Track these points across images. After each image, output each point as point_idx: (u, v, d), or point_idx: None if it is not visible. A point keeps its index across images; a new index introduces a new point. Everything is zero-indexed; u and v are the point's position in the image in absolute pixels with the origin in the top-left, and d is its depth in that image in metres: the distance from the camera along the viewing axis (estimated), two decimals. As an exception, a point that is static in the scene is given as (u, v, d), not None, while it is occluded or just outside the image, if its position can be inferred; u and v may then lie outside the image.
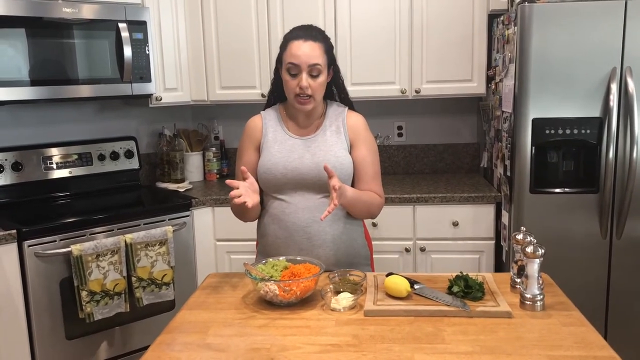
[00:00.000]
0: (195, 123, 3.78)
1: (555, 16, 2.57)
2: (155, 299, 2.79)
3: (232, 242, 3.13)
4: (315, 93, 1.93)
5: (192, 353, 1.45)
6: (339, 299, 1.67)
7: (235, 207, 1.98)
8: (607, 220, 2.68)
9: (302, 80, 1.89)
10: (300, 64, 1.88)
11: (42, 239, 2.53)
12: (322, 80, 1.93)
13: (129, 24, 2.96)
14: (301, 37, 1.91)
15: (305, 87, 1.89)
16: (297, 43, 1.90)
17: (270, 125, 2.04)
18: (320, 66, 1.90)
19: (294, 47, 1.90)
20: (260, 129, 2.04)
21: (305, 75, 1.89)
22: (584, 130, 2.64)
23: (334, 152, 1.97)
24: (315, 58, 1.89)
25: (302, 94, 1.91)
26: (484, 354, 1.39)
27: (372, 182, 2.02)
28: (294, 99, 1.93)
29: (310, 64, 1.89)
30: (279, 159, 1.97)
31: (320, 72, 1.92)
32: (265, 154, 2.00)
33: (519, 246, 1.70)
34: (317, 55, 1.90)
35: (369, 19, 3.20)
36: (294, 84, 1.91)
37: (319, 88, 1.93)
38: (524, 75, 2.63)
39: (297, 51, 1.89)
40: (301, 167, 1.95)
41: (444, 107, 3.61)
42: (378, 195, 2.03)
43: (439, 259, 3.06)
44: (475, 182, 3.31)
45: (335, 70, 2.03)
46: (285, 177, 1.95)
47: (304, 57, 1.88)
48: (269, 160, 1.97)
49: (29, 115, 3.13)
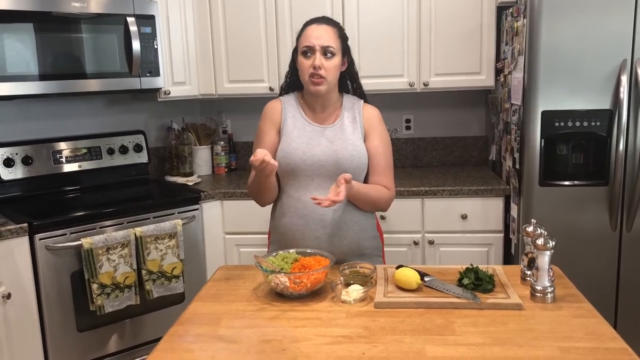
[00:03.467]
0: (204, 117, 3.79)
1: (564, 8, 2.55)
2: (165, 291, 2.80)
3: (241, 235, 3.14)
4: (329, 74, 1.94)
5: (205, 344, 1.46)
6: (349, 291, 1.67)
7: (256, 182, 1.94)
8: (617, 212, 2.67)
9: (315, 59, 1.92)
10: (314, 45, 1.93)
11: (53, 232, 2.55)
12: (336, 62, 1.95)
13: (137, 18, 2.96)
14: (315, 22, 1.99)
15: (318, 67, 1.92)
16: (312, 27, 1.97)
17: (289, 111, 2.05)
18: (333, 48, 1.94)
19: (308, 31, 1.97)
20: (280, 112, 2.05)
21: (318, 55, 1.92)
22: (593, 123, 2.62)
23: (352, 141, 1.98)
24: (328, 40, 1.93)
25: (315, 74, 1.92)
26: (494, 346, 1.39)
27: (383, 174, 2.03)
28: (308, 81, 1.95)
29: (323, 45, 1.93)
30: (299, 144, 1.97)
31: (334, 54, 1.95)
32: (285, 139, 2.00)
33: (530, 238, 1.70)
34: (331, 38, 1.94)
35: (377, 11, 3.19)
36: (308, 64, 1.94)
37: (333, 70, 1.95)
38: (533, 68, 2.62)
39: (311, 33, 1.95)
40: (320, 154, 1.96)
41: (453, 100, 3.60)
42: (387, 189, 2.03)
43: (448, 252, 3.06)
44: (483, 175, 3.31)
45: (350, 62, 2.05)
46: (304, 163, 1.96)
47: (317, 39, 1.93)
48: (288, 145, 1.98)
49: (38, 109, 3.14)
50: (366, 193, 1.97)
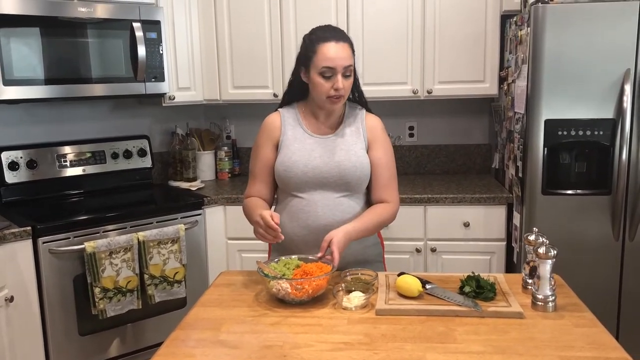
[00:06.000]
0: (208, 122, 3.80)
1: (568, 17, 2.56)
2: (167, 296, 2.81)
3: (243, 241, 3.14)
4: (347, 93, 1.95)
5: (206, 349, 1.46)
6: (350, 297, 1.67)
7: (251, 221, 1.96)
8: (619, 222, 2.66)
9: (337, 82, 1.88)
10: (336, 67, 1.87)
11: (56, 236, 2.56)
12: (352, 79, 1.95)
13: (143, 24, 2.98)
14: (332, 39, 1.89)
15: (341, 89, 1.90)
16: (328, 45, 1.88)
17: (289, 123, 2.03)
18: (352, 66, 1.92)
19: (327, 50, 1.87)
20: (279, 127, 2.03)
21: (340, 77, 1.88)
22: (597, 132, 2.63)
23: (354, 152, 1.98)
24: (348, 59, 1.90)
25: (336, 95, 1.91)
26: (495, 354, 1.39)
27: (387, 187, 2.02)
28: (326, 100, 1.93)
29: (345, 65, 1.88)
30: (299, 157, 1.96)
31: (352, 72, 1.93)
32: (284, 152, 1.99)
33: (531, 247, 1.70)
34: (349, 55, 1.91)
35: (381, 19, 3.21)
36: (328, 86, 1.90)
37: (349, 88, 1.95)
38: (536, 76, 2.63)
39: (332, 54, 1.87)
40: (322, 166, 1.95)
41: (456, 108, 3.60)
42: (390, 205, 2.01)
43: (450, 260, 3.06)
44: (486, 183, 3.31)
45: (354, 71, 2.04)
46: (306, 176, 1.95)
47: (339, 60, 1.87)
48: (289, 159, 1.97)
49: (43, 113, 3.16)
50: (367, 229, 1.94)
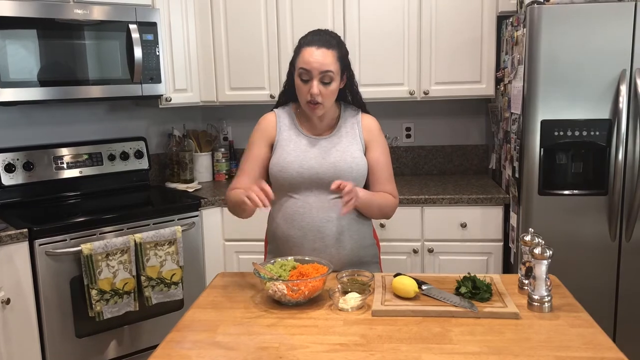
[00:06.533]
0: (205, 124, 3.80)
1: (564, 17, 2.57)
2: (164, 298, 2.81)
3: (240, 242, 3.15)
4: (326, 100, 1.91)
5: (202, 351, 1.46)
6: (346, 299, 1.68)
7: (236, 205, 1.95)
8: (616, 222, 2.67)
9: (312, 86, 1.87)
10: (312, 70, 1.87)
11: (52, 238, 2.56)
12: (333, 87, 1.91)
13: (139, 25, 2.98)
14: (315, 44, 1.88)
15: (316, 95, 1.88)
16: (309, 50, 1.88)
17: (284, 124, 2.03)
18: (332, 73, 1.88)
19: (306, 54, 1.88)
20: (274, 126, 2.03)
21: (315, 82, 1.87)
22: (593, 132, 2.63)
23: (350, 153, 1.97)
24: (326, 65, 1.87)
25: (313, 101, 1.90)
26: (491, 355, 1.39)
27: (387, 183, 2.03)
28: (305, 105, 1.93)
29: (321, 70, 1.87)
30: (295, 158, 1.96)
31: (332, 79, 1.89)
32: (279, 152, 1.99)
33: (527, 247, 1.70)
34: (329, 62, 1.88)
35: (377, 20, 3.21)
36: (305, 90, 1.90)
37: (330, 95, 1.92)
38: (533, 77, 2.63)
39: (309, 57, 1.87)
40: (317, 166, 1.95)
41: (453, 109, 3.61)
42: (392, 196, 2.04)
43: (447, 261, 3.06)
44: (483, 184, 3.31)
45: (349, 76, 2.00)
46: (301, 177, 1.95)
47: (316, 64, 1.86)
48: (284, 159, 1.96)
49: (40, 115, 3.16)
50: (373, 199, 1.97)
